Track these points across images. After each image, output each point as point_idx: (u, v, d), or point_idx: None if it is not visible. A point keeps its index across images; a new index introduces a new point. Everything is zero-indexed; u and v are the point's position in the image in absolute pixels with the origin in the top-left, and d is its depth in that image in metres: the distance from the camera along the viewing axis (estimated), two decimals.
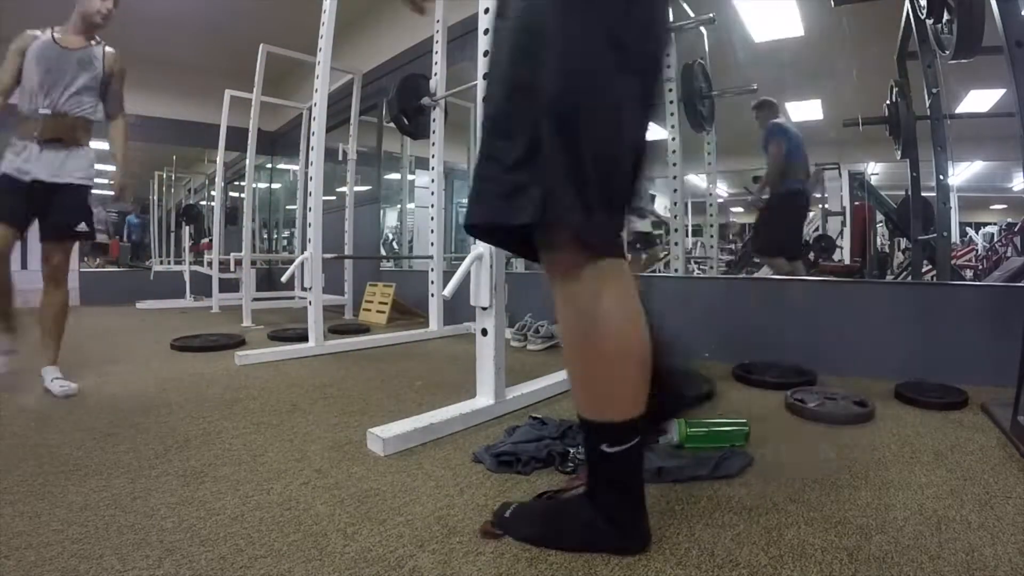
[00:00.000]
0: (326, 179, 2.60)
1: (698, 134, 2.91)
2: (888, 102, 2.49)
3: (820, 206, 3.12)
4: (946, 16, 1.67)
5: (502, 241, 0.99)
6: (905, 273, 2.63)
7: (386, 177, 4.82)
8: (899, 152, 2.45)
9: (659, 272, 3.00)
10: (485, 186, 0.75)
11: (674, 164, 2.72)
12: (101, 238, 6.22)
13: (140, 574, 0.75)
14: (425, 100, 2.97)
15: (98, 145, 1.94)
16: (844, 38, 2.66)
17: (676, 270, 2.72)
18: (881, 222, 2.86)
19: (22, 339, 2.01)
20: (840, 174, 2.94)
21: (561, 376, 1.87)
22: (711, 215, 3.10)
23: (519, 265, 3.56)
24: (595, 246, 0.76)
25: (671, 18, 2.73)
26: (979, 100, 2.31)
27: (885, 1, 2.40)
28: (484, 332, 1.49)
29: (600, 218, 0.72)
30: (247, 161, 3.90)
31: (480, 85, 1.49)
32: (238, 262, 3.95)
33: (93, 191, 1.93)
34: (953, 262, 2.34)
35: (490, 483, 1.07)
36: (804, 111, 3.07)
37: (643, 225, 3.21)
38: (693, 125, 2.85)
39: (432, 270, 2.98)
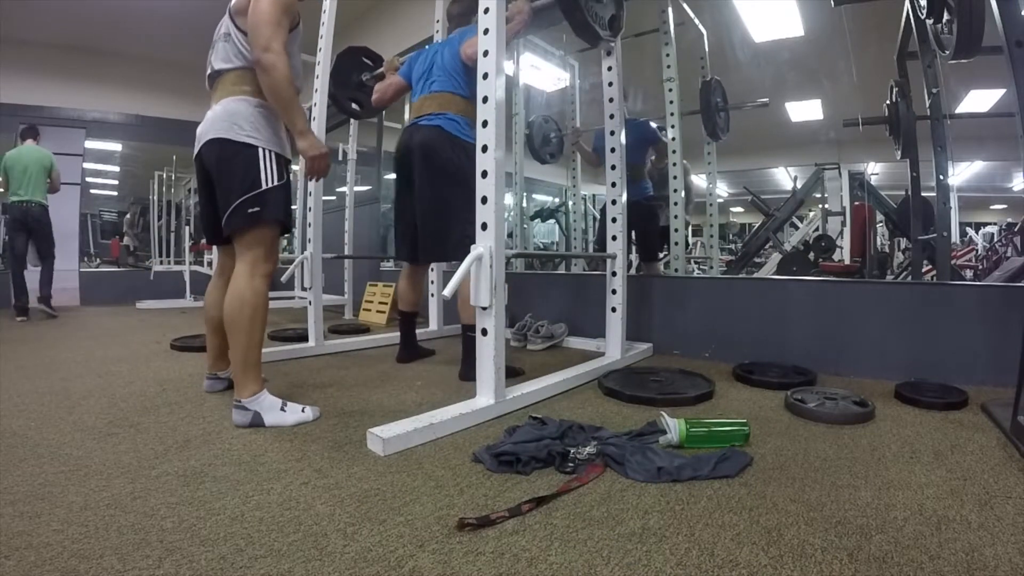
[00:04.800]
0: (326, 179, 2.60)
1: (715, 142, 3.01)
2: (888, 102, 2.49)
3: (820, 206, 3.13)
4: (946, 16, 1.67)
5: None
6: (905, 273, 2.63)
7: (386, 177, 4.83)
8: (899, 152, 2.45)
9: (660, 272, 3.00)
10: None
11: (674, 164, 2.72)
12: None
13: (140, 574, 0.75)
14: (365, 76, 2.70)
15: (96, 144, 1.94)
16: (844, 38, 2.66)
17: (676, 270, 2.72)
18: (881, 222, 2.87)
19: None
20: (840, 174, 2.94)
21: (561, 376, 1.87)
22: (711, 215, 3.11)
23: (519, 265, 3.57)
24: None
25: (671, 21, 2.75)
26: (979, 100, 2.31)
27: (885, 1, 2.40)
28: (484, 332, 1.49)
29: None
30: None
31: (480, 85, 1.49)
32: None
33: (93, 191, 1.93)
34: (953, 262, 2.34)
35: (490, 483, 1.07)
36: (804, 111, 3.07)
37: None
38: (710, 134, 2.97)
39: (432, 270, 2.98)
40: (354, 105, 2.77)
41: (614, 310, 2.21)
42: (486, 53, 1.48)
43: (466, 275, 1.43)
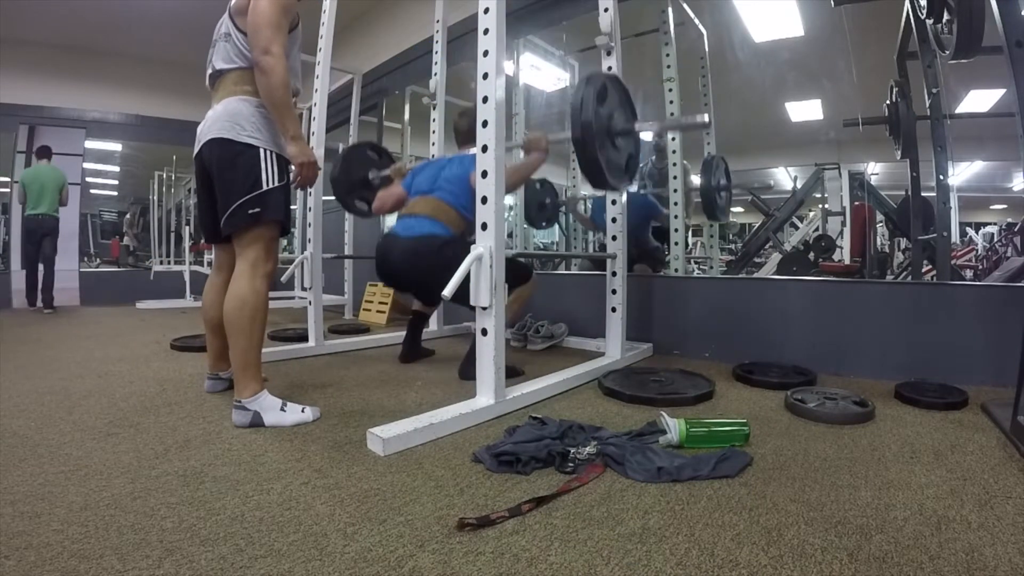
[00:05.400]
0: (326, 179, 2.60)
1: (713, 223, 3.00)
2: (888, 102, 2.49)
3: (820, 206, 3.13)
4: (946, 16, 1.67)
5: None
6: (905, 273, 2.63)
7: None
8: (899, 152, 2.45)
9: (660, 272, 3.01)
10: None
11: (674, 164, 2.72)
12: None
13: (140, 574, 0.75)
14: (371, 174, 2.64)
15: (96, 144, 1.94)
16: (844, 38, 2.66)
17: (676, 270, 2.72)
18: (881, 222, 2.86)
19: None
20: (840, 174, 2.94)
21: (561, 376, 1.87)
22: None
23: None
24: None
25: (671, 21, 2.75)
26: (979, 100, 2.31)
27: (885, 1, 2.40)
28: (484, 332, 1.49)
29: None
30: None
31: (480, 85, 1.49)
32: None
33: (93, 191, 1.92)
34: (953, 262, 2.34)
35: (490, 483, 1.07)
36: (804, 111, 3.07)
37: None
38: (709, 215, 2.90)
39: None
40: (362, 204, 2.72)
41: (614, 310, 2.21)
42: (486, 53, 1.48)
43: (465, 275, 1.43)
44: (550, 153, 1.98)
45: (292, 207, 1.67)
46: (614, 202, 2.20)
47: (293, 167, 1.55)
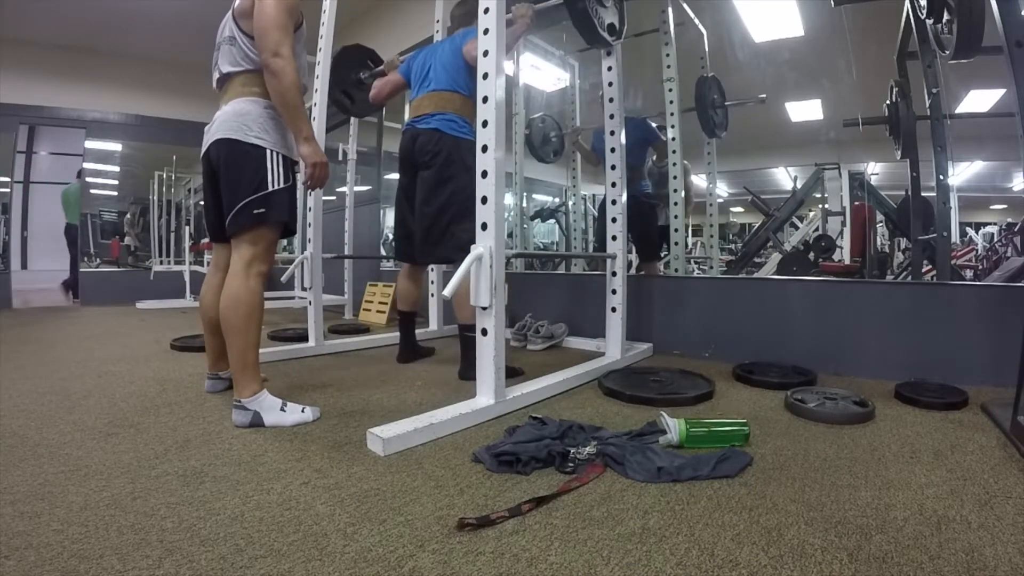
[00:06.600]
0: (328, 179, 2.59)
1: (710, 139, 3.00)
2: (888, 102, 2.49)
3: (820, 206, 3.13)
4: (946, 16, 1.67)
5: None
6: (905, 273, 2.63)
7: (386, 177, 4.83)
8: (899, 152, 2.45)
9: (659, 272, 3.01)
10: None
11: (674, 164, 2.72)
12: None
13: (140, 574, 0.75)
14: (364, 74, 2.70)
15: (96, 144, 1.93)
16: (844, 38, 2.66)
17: (676, 270, 2.72)
18: (881, 222, 2.86)
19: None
20: (840, 174, 2.94)
21: (561, 376, 1.87)
22: (711, 215, 3.10)
23: (519, 265, 3.57)
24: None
25: (671, 21, 2.75)
26: (979, 100, 2.31)
27: (885, 1, 2.40)
28: (484, 332, 1.49)
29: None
30: None
31: (480, 84, 1.49)
32: None
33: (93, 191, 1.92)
34: (953, 262, 2.34)
35: (490, 483, 1.07)
36: (804, 111, 3.07)
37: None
38: (706, 131, 2.95)
39: (432, 270, 2.98)
40: (344, 98, 2.73)
41: (614, 310, 2.21)
42: (486, 53, 1.48)
43: (466, 275, 1.43)
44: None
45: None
46: (614, 202, 2.20)
47: (303, 167, 1.56)
